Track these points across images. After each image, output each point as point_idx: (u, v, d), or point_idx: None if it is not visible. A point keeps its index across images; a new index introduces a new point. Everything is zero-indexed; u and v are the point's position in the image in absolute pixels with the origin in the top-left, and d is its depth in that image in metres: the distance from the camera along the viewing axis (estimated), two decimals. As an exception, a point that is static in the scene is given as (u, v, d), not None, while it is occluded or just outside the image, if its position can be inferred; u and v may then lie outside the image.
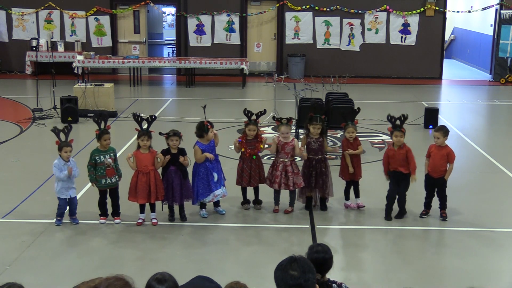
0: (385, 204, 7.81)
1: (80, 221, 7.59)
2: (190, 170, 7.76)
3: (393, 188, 7.74)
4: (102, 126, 7.60)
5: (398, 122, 7.66)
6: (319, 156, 7.88)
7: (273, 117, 8.44)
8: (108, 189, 7.61)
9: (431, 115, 12.73)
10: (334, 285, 3.86)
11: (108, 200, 7.69)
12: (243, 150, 7.92)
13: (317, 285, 3.02)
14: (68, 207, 7.54)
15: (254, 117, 7.96)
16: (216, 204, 7.93)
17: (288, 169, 7.81)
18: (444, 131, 7.72)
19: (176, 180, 7.50)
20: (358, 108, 8.39)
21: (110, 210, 7.72)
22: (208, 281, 3.52)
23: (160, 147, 7.69)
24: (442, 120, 13.05)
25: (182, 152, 7.56)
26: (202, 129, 7.64)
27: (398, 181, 7.70)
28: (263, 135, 8.12)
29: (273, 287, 3.03)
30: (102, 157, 7.48)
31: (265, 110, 8.18)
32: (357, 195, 8.17)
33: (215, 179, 7.67)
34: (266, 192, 8.14)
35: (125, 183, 7.65)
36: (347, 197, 8.21)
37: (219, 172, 7.77)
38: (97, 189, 7.61)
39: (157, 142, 7.83)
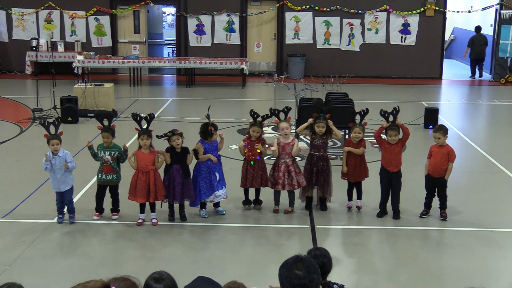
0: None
1: (80, 221, 7.60)
2: (192, 169, 7.76)
3: (384, 187, 7.83)
4: (106, 124, 7.64)
5: (391, 117, 7.72)
6: (321, 153, 7.89)
7: (270, 111, 8.16)
8: (108, 186, 7.68)
9: (431, 115, 12.73)
10: (335, 286, 3.87)
11: (109, 198, 7.73)
12: (246, 151, 7.94)
13: (320, 286, 3.02)
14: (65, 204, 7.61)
15: (259, 119, 7.96)
16: (216, 204, 7.93)
17: (291, 169, 7.81)
18: (443, 130, 7.74)
19: (178, 178, 7.51)
20: (367, 109, 8.34)
21: (108, 208, 7.77)
22: (210, 283, 3.52)
23: (160, 147, 7.69)
24: (442, 120, 13.05)
25: (186, 151, 7.57)
26: (206, 133, 7.69)
27: (390, 180, 7.77)
28: (264, 136, 8.10)
29: (273, 287, 3.03)
30: (102, 152, 7.54)
31: (271, 114, 8.12)
32: (358, 196, 8.17)
33: (217, 178, 7.68)
34: (266, 192, 8.14)
35: (126, 182, 7.66)
36: (349, 198, 8.20)
37: (220, 172, 7.78)
38: (97, 184, 7.73)
39: (158, 142, 7.83)
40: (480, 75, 20.03)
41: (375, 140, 8.14)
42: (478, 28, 19.73)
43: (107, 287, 2.69)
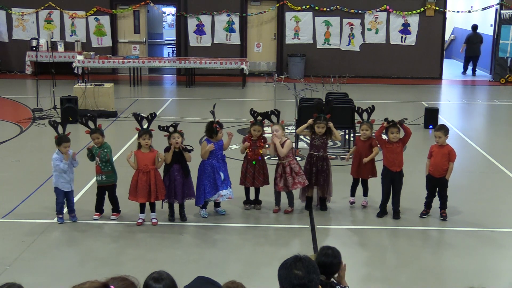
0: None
1: (80, 221, 7.60)
2: (196, 168, 7.76)
3: (386, 187, 7.83)
4: (92, 126, 7.66)
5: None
6: (321, 153, 7.89)
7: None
8: (106, 188, 7.69)
9: (431, 115, 12.73)
10: (338, 287, 3.88)
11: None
12: (248, 151, 7.94)
13: (320, 286, 3.02)
14: (66, 204, 7.60)
15: (259, 117, 7.97)
16: (217, 204, 7.93)
17: (286, 170, 7.83)
18: (445, 130, 7.75)
19: (178, 178, 7.51)
20: (373, 106, 8.38)
21: (109, 208, 7.77)
22: (210, 283, 3.51)
23: (160, 146, 7.70)
24: (442, 120, 13.05)
25: (185, 150, 7.56)
26: (211, 131, 7.69)
27: (392, 180, 7.77)
28: (265, 135, 8.11)
29: (273, 287, 3.03)
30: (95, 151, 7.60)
31: (271, 111, 8.14)
32: (364, 193, 8.21)
33: (221, 178, 7.68)
34: (266, 192, 8.14)
35: (125, 183, 7.65)
36: (352, 194, 8.25)
37: (225, 172, 7.77)
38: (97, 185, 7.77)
39: (158, 141, 7.83)
40: (474, 74, 20.52)
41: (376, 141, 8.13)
42: (474, 27, 20.31)
43: (106, 287, 2.69)
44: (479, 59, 20.47)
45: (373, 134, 8.06)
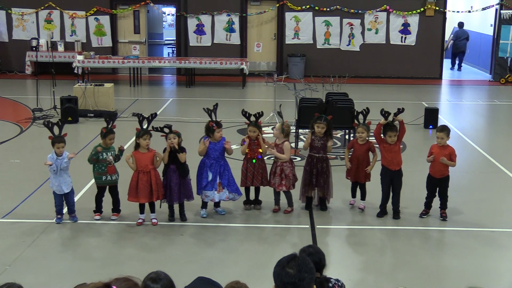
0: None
1: (80, 221, 7.59)
2: (196, 169, 7.78)
3: (386, 187, 7.83)
4: (110, 125, 7.67)
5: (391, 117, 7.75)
6: (321, 155, 7.89)
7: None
8: (107, 187, 7.69)
9: (431, 115, 12.73)
10: (332, 279, 3.93)
11: (108, 198, 7.72)
12: (247, 151, 7.96)
13: (314, 286, 3.02)
14: (66, 205, 7.59)
15: (253, 118, 7.97)
16: (216, 204, 7.93)
17: (277, 170, 7.86)
18: (448, 131, 7.77)
19: (174, 179, 7.51)
20: (367, 108, 8.39)
21: (108, 208, 7.76)
22: (210, 284, 3.52)
23: (160, 146, 7.69)
24: (442, 120, 13.05)
25: (181, 150, 7.56)
26: (208, 129, 7.73)
27: (391, 179, 7.76)
28: (263, 135, 8.12)
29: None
30: (104, 154, 7.52)
31: (262, 112, 8.14)
32: (362, 197, 8.20)
33: (208, 178, 7.67)
34: (266, 192, 8.14)
35: (124, 183, 7.65)
36: (353, 195, 8.27)
37: (215, 175, 7.73)
38: (96, 186, 7.72)
39: (157, 141, 7.83)
40: (459, 69, 21.60)
41: (374, 140, 8.13)
42: (461, 24, 21.44)
43: (108, 287, 2.69)
44: (479, 59, 20.55)
45: (369, 136, 8.06)
